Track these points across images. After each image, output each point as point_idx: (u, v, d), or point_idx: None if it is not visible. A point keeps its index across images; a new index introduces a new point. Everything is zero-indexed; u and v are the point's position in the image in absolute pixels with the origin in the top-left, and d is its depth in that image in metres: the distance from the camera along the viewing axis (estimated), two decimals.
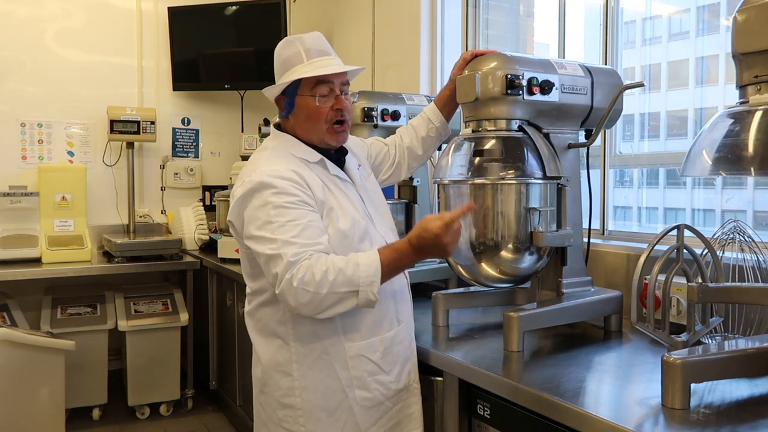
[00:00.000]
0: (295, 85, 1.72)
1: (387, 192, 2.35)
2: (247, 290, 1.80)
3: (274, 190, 1.57)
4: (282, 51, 1.77)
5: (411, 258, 1.60)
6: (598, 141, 2.55)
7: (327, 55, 1.74)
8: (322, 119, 1.72)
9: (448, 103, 2.06)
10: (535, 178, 1.83)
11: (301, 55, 1.73)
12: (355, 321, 1.67)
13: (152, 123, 4.19)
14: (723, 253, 1.76)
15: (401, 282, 1.79)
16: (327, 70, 1.70)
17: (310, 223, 1.57)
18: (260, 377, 1.75)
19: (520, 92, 1.81)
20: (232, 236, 3.66)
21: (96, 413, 3.79)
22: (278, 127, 1.83)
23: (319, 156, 1.74)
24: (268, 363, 1.71)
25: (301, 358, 1.67)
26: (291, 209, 1.56)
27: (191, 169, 4.64)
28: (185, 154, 4.68)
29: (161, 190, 4.59)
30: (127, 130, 4.14)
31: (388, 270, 1.57)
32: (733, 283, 1.68)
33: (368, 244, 1.69)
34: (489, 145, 1.85)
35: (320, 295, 1.50)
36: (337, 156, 1.81)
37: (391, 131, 2.29)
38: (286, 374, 1.68)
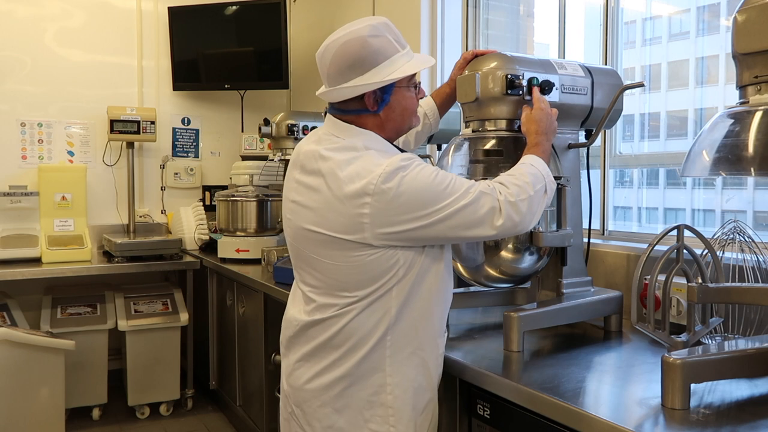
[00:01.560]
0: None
1: None
2: (338, 302, 1.56)
3: (417, 169, 1.48)
4: (371, 41, 1.54)
5: (546, 144, 1.72)
6: (598, 141, 2.55)
7: (406, 42, 1.65)
8: (415, 110, 1.67)
9: (446, 101, 2.05)
10: None
11: (393, 44, 1.58)
12: (444, 318, 1.65)
13: (152, 123, 4.20)
14: (723, 253, 1.76)
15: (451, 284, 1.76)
16: (430, 61, 1.67)
17: (460, 178, 1.56)
18: (343, 379, 1.57)
19: (521, 92, 1.81)
20: (231, 236, 3.69)
21: (96, 413, 3.79)
22: (345, 122, 1.62)
23: (401, 155, 1.64)
24: (360, 361, 1.55)
25: (395, 353, 1.55)
26: (443, 174, 1.51)
27: (191, 169, 4.64)
28: (185, 154, 4.68)
29: (161, 190, 4.59)
30: (127, 130, 4.14)
31: (545, 159, 1.68)
32: (733, 284, 1.68)
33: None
34: (489, 145, 1.85)
35: (531, 198, 1.56)
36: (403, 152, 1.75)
37: None
38: (378, 370, 1.55)
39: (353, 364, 1.56)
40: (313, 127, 3.31)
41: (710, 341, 1.73)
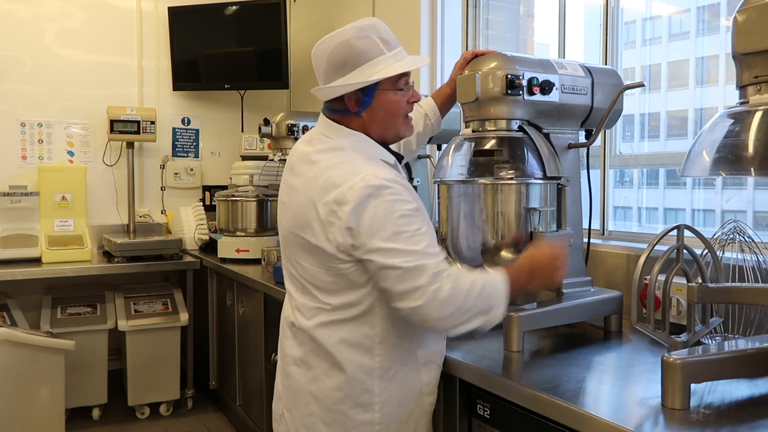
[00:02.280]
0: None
1: None
2: (312, 304, 1.61)
3: (394, 197, 1.46)
4: (355, 42, 1.54)
5: (525, 281, 1.56)
6: (598, 141, 2.54)
7: (399, 44, 1.61)
8: (402, 113, 1.62)
9: (446, 101, 2.05)
10: (535, 178, 1.83)
11: (379, 45, 1.55)
12: (430, 335, 1.65)
13: (152, 123, 4.20)
14: (723, 253, 1.76)
15: None
16: (418, 62, 1.62)
17: (429, 231, 1.49)
18: (333, 394, 1.59)
19: (521, 92, 1.80)
20: (231, 236, 3.69)
21: (96, 413, 3.79)
22: (336, 122, 1.64)
23: (394, 158, 1.64)
24: (349, 378, 1.58)
25: (383, 373, 1.58)
26: (414, 217, 1.47)
27: (191, 169, 4.64)
28: (185, 154, 4.68)
29: (161, 190, 4.59)
30: (127, 130, 4.14)
31: (512, 291, 1.53)
32: (733, 284, 1.68)
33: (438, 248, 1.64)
34: (489, 145, 1.85)
35: (463, 309, 1.45)
36: (400, 155, 1.73)
37: None
38: (367, 390, 1.58)
39: (344, 380, 1.58)
40: (313, 127, 3.30)
41: (710, 341, 1.73)
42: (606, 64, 2.54)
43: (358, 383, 1.57)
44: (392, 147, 2.03)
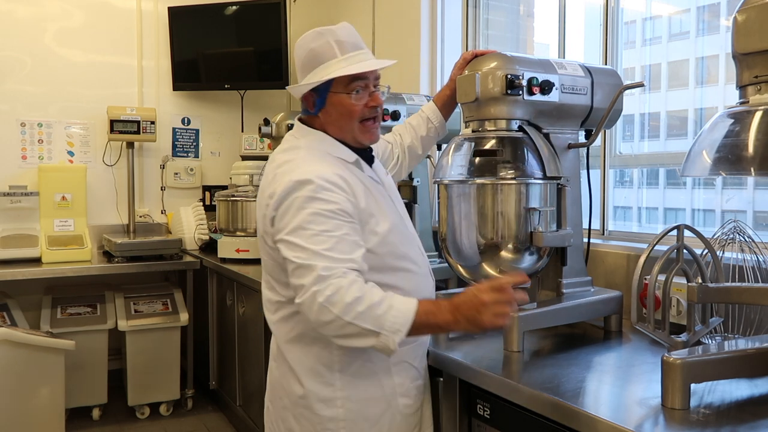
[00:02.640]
0: (328, 81, 1.59)
1: None
2: (274, 298, 1.66)
3: (314, 194, 1.47)
4: (310, 44, 1.61)
5: (446, 317, 1.42)
6: (598, 141, 2.54)
7: (360, 48, 1.62)
8: (356, 117, 1.62)
9: (447, 103, 2.05)
10: (535, 178, 1.83)
11: (333, 48, 1.59)
12: None
13: (152, 123, 4.20)
14: (723, 253, 1.76)
15: (432, 284, 1.74)
16: (366, 66, 1.60)
17: (345, 236, 1.46)
18: (296, 389, 1.62)
19: (520, 92, 1.80)
20: (231, 236, 3.69)
21: (96, 413, 3.79)
22: (303, 122, 1.71)
23: (355, 156, 1.65)
24: (308, 373, 1.60)
25: (345, 367, 1.58)
26: (328, 218, 1.46)
27: (191, 169, 4.64)
28: (185, 154, 4.68)
29: (161, 190, 4.59)
30: (127, 130, 4.14)
31: (420, 325, 1.42)
32: (733, 283, 1.68)
33: (408, 247, 1.64)
34: (489, 145, 1.85)
35: (342, 321, 1.39)
36: (370, 155, 1.74)
37: (390, 131, 2.29)
38: (329, 385, 1.59)
39: (305, 376, 1.61)
40: None
41: (710, 341, 1.73)
42: (606, 64, 2.54)
43: (318, 377, 1.59)
44: (394, 144, 2.07)
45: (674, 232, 1.61)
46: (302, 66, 1.63)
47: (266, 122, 3.57)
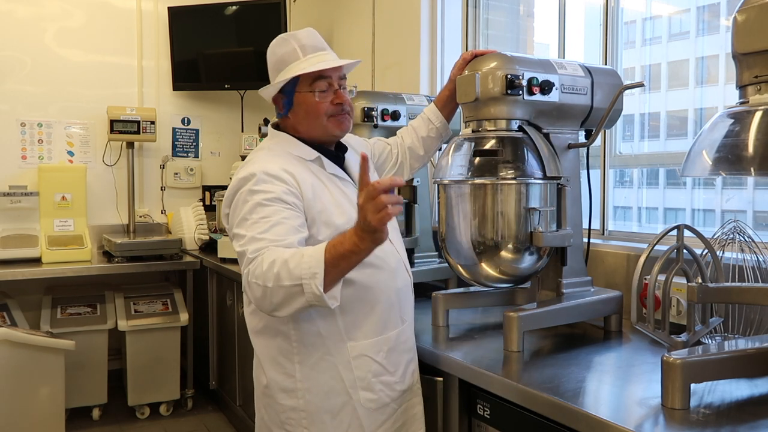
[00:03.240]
0: (293, 83, 1.70)
1: None
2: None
3: (253, 187, 1.57)
4: (276, 49, 1.74)
5: (352, 239, 1.38)
6: (598, 141, 2.55)
7: (322, 50, 1.72)
8: (322, 114, 1.70)
9: (448, 104, 2.06)
10: (535, 178, 1.83)
11: (296, 51, 1.70)
12: (358, 320, 1.65)
13: (152, 123, 4.20)
14: (723, 253, 1.76)
15: (405, 280, 1.76)
16: (324, 65, 1.68)
17: (283, 220, 1.51)
18: (262, 379, 1.73)
19: (520, 92, 1.80)
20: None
21: (96, 413, 3.79)
22: (276, 126, 1.82)
23: (315, 154, 1.72)
24: (271, 364, 1.69)
25: (304, 359, 1.64)
26: (266, 206, 1.54)
27: (191, 169, 4.64)
28: (185, 154, 4.68)
29: (161, 190, 4.59)
30: (127, 130, 4.14)
31: (333, 259, 1.39)
32: (733, 283, 1.68)
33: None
34: (489, 145, 1.85)
35: (268, 289, 1.41)
36: (337, 153, 1.80)
37: (391, 131, 2.29)
38: (289, 376, 1.65)
39: (267, 366, 1.70)
40: None
41: (710, 341, 1.73)
42: (606, 64, 2.54)
43: (279, 367, 1.67)
44: (393, 146, 2.09)
45: (674, 232, 1.61)
46: (271, 71, 1.75)
47: (266, 122, 3.58)
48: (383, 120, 2.57)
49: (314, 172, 1.69)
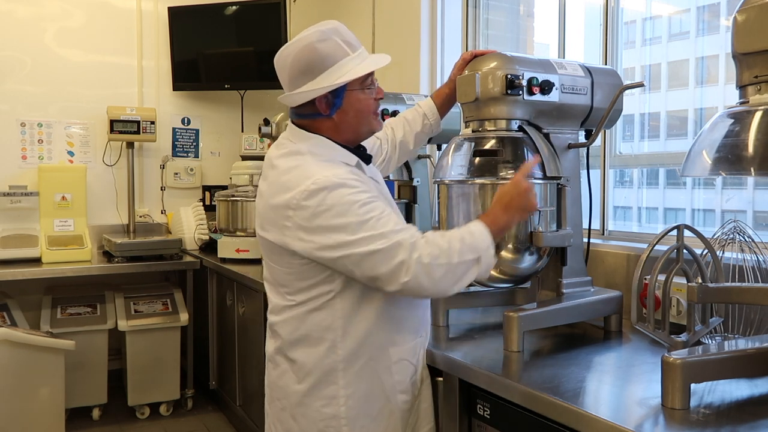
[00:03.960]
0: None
1: None
2: (282, 303, 1.65)
3: (349, 191, 1.48)
4: (318, 45, 1.56)
5: (503, 217, 1.59)
6: (598, 141, 2.55)
7: (361, 45, 1.64)
8: (371, 112, 1.65)
9: (446, 102, 2.04)
10: (535, 178, 1.83)
11: (342, 47, 1.58)
12: (401, 325, 1.64)
13: (152, 123, 4.20)
14: (723, 253, 1.76)
15: None
16: (382, 61, 1.62)
17: (393, 212, 1.54)
18: (295, 387, 1.63)
19: (520, 92, 1.80)
20: (231, 236, 3.69)
21: (96, 413, 3.79)
22: (300, 127, 1.67)
23: (356, 158, 1.65)
24: (312, 372, 1.61)
25: (348, 366, 1.60)
26: (374, 203, 1.50)
27: (191, 169, 4.64)
28: (185, 154, 4.68)
29: (161, 190, 4.59)
30: (127, 130, 4.14)
31: (494, 233, 1.56)
32: (733, 283, 1.68)
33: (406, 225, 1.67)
34: (489, 145, 1.85)
35: (452, 265, 1.48)
36: (368, 155, 1.74)
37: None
38: (331, 383, 1.60)
39: (307, 374, 1.62)
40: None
41: (710, 341, 1.73)
42: (606, 64, 2.54)
43: (323, 376, 1.60)
44: (383, 140, 2.04)
45: (674, 232, 1.61)
46: (309, 68, 1.57)
47: (266, 122, 3.57)
48: (383, 120, 2.56)
49: (356, 176, 1.60)
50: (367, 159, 1.72)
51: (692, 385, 1.32)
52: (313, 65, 1.57)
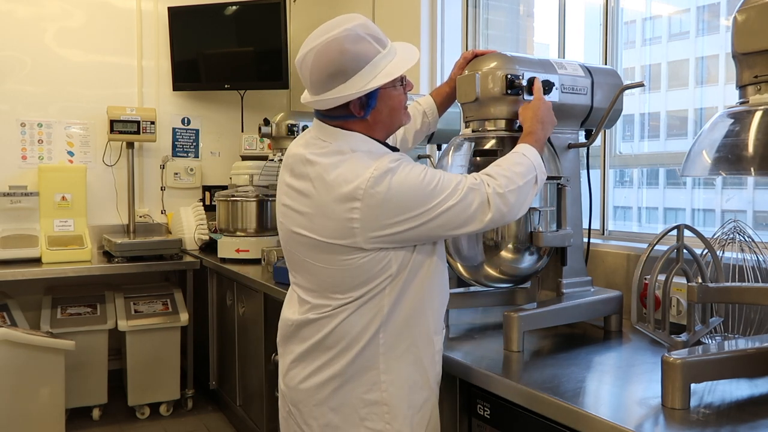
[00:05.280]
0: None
1: None
2: (322, 302, 1.57)
3: (409, 167, 1.49)
4: (349, 47, 1.47)
5: (541, 133, 1.72)
6: (598, 141, 2.55)
7: (387, 38, 1.56)
8: (402, 107, 1.61)
9: (445, 100, 2.03)
10: None
11: (373, 45, 1.50)
12: (438, 313, 1.63)
13: (152, 123, 4.20)
14: (723, 253, 1.76)
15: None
16: (414, 55, 1.58)
17: (448, 173, 1.56)
18: (336, 377, 1.56)
19: (520, 92, 1.81)
20: (231, 236, 3.69)
21: (96, 413, 3.79)
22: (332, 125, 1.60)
23: (395, 151, 1.62)
24: (353, 360, 1.54)
25: (389, 350, 1.54)
26: (431, 169, 1.52)
27: (191, 169, 4.64)
28: (185, 154, 4.68)
29: (161, 190, 4.59)
30: (127, 130, 4.14)
31: (539, 149, 1.67)
32: (733, 283, 1.68)
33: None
34: (489, 145, 1.85)
35: (520, 187, 1.56)
36: (395, 148, 1.69)
37: None
38: (371, 368, 1.54)
39: (346, 363, 1.55)
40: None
41: (710, 341, 1.73)
42: (606, 64, 2.54)
43: (364, 361, 1.54)
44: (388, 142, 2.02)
45: (674, 232, 1.61)
46: (341, 70, 1.48)
47: (266, 122, 3.58)
48: None
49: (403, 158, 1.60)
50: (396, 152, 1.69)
51: (692, 385, 1.32)
52: (344, 67, 1.47)
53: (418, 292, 1.56)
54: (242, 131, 4.66)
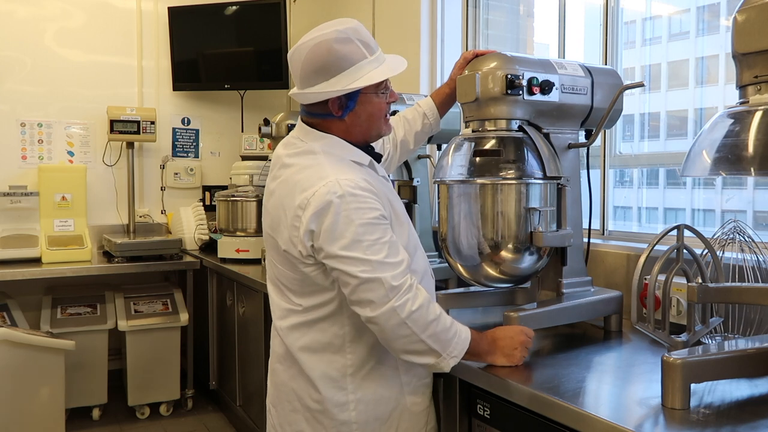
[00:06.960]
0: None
1: None
2: (284, 305, 1.65)
3: (357, 204, 1.46)
4: (336, 46, 1.52)
5: (485, 348, 1.58)
6: (598, 141, 2.55)
7: (378, 47, 1.61)
8: (383, 116, 1.63)
9: (446, 101, 2.04)
10: (535, 178, 1.83)
11: (361, 49, 1.55)
12: None
13: (152, 123, 4.20)
14: (723, 253, 1.76)
15: (431, 287, 1.75)
16: (400, 66, 1.60)
17: (393, 240, 1.49)
18: (311, 394, 1.61)
19: (520, 92, 1.80)
20: (231, 236, 3.69)
21: (96, 413, 3.79)
22: (310, 126, 1.64)
23: (368, 158, 1.64)
24: (323, 380, 1.60)
25: (356, 371, 1.60)
26: (376, 225, 1.46)
27: (191, 169, 4.64)
28: (185, 154, 4.68)
29: (161, 190, 4.59)
30: (127, 130, 4.15)
31: (469, 352, 1.54)
32: (733, 283, 1.68)
33: (418, 251, 1.67)
34: (489, 145, 1.85)
35: (416, 338, 1.45)
36: (378, 155, 1.73)
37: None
38: (340, 389, 1.60)
39: (320, 383, 1.60)
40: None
41: (710, 341, 1.73)
42: (606, 64, 2.54)
43: (332, 382, 1.59)
44: (385, 140, 2.02)
45: (674, 232, 1.61)
46: (325, 68, 1.53)
47: (266, 122, 3.57)
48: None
49: (373, 178, 1.60)
50: (378, 158, 1.71)
51: (692, 385, 1.32)
52: (329, 65, 1.53)
53: None
54: (242, 131, 4.66)
